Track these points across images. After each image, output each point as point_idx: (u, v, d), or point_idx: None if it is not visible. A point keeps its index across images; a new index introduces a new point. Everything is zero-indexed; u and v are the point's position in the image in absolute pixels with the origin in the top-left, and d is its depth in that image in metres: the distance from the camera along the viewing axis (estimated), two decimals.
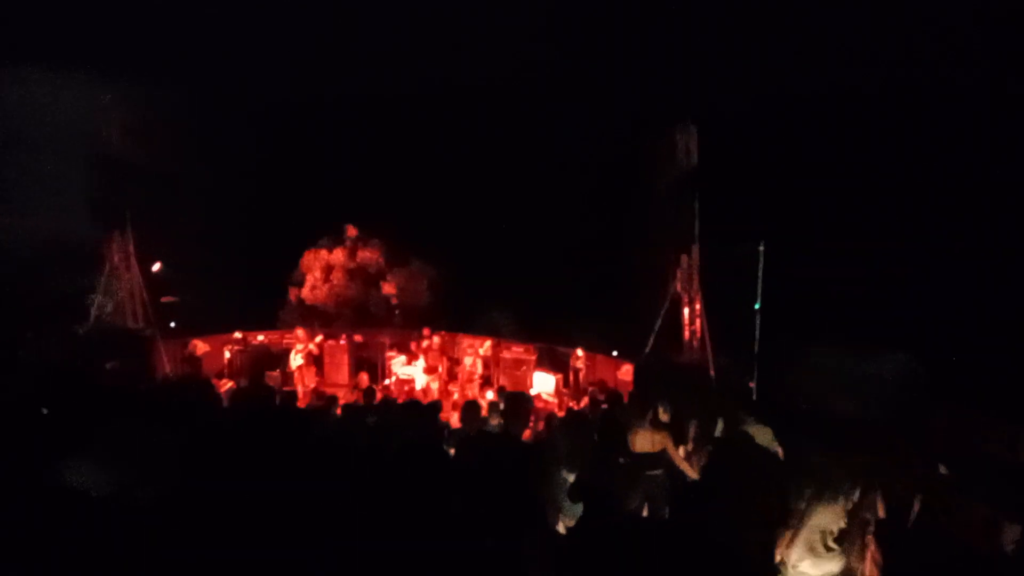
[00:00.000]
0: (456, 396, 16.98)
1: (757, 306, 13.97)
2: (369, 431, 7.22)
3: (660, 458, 7.69)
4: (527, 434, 7.49)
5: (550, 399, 17.00)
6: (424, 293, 25.30)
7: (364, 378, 16.92)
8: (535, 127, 24.98)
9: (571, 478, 6.01)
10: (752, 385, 13.65)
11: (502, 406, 7.51)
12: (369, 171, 25.94)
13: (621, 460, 6.30)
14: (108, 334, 15.16)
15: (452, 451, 6.86)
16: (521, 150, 25.47)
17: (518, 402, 6.17)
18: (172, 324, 17.54)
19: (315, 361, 17.81)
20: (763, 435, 7.58)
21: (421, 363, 17.63)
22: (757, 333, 13.81)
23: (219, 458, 3.88)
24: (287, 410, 5.77)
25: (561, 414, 14.00)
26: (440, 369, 17.74)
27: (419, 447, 3.82)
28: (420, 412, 7.31)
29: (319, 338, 18.40)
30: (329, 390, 16.72)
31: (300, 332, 17.83)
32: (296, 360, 17.13)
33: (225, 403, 10.89)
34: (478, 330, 20.72)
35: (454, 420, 10.48)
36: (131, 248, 15.79)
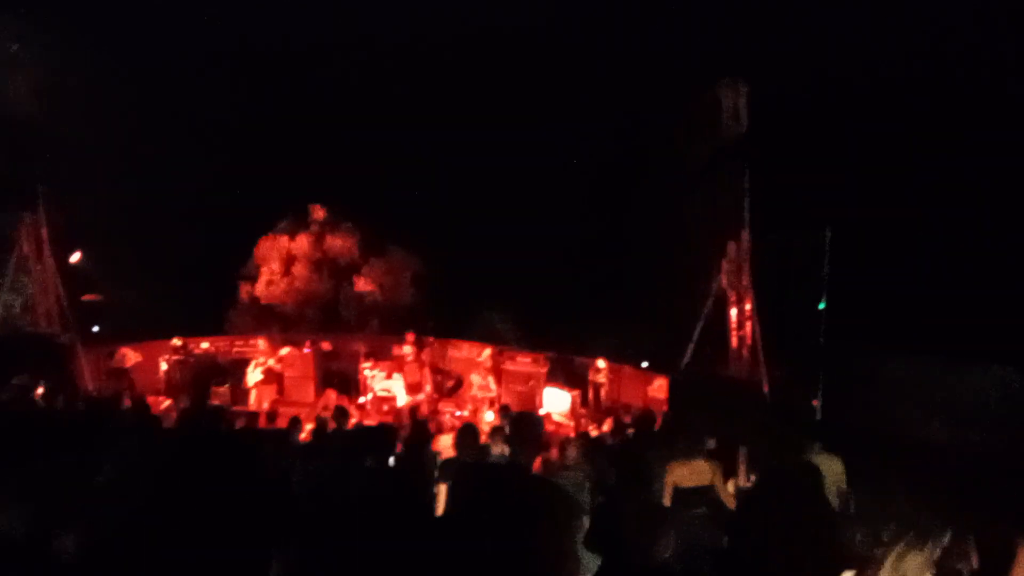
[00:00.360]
0: (448, 417, 16.97)
1: (822, 306, 13.92)
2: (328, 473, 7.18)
3: (704, 495, 7.65)
4: (536, 464, 7.46)
5: (564, 421, 16.99)
6: (407, 290, 25.30)
7: (332, 396, 16.92)
8: (545, 86, 24.91)
9: (586, 522, 5.96)
10: (816, 404, 13.61)
11: (507, 430, 7.47)
12: (341, 139, 25.88)
13: (652, 498, 6.27)
14: (15, 340, 15.14)
15: (442, 492, 6.83)
16: (528, 115, 25.40)
17: (526, 424, 6.13)
18: (95, 328, 17.53)
19: (275, 376, 17.83)
20: (830, 466, 7.54)
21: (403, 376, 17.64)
22: (822, 340, 13.75)
23: (150, 501, 3.84)
24: (231, 441, 5.72)
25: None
26: (427, 385, 17.74)
27: (387, 496, 3.77)
28: (380, 444, 7.25)
29: (286, 350, 18.37)
30: (290, 411, 16.71)
31: (262, 343, 17.82)
32: (255, 375, 17.14)
33: (164, 426, 10.89)
34: (474, 336, 20.71)
35: (446, 447, 10.44)
36: (44, 233, 15.77)
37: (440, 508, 6.97)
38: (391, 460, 7.40)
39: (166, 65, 23.75)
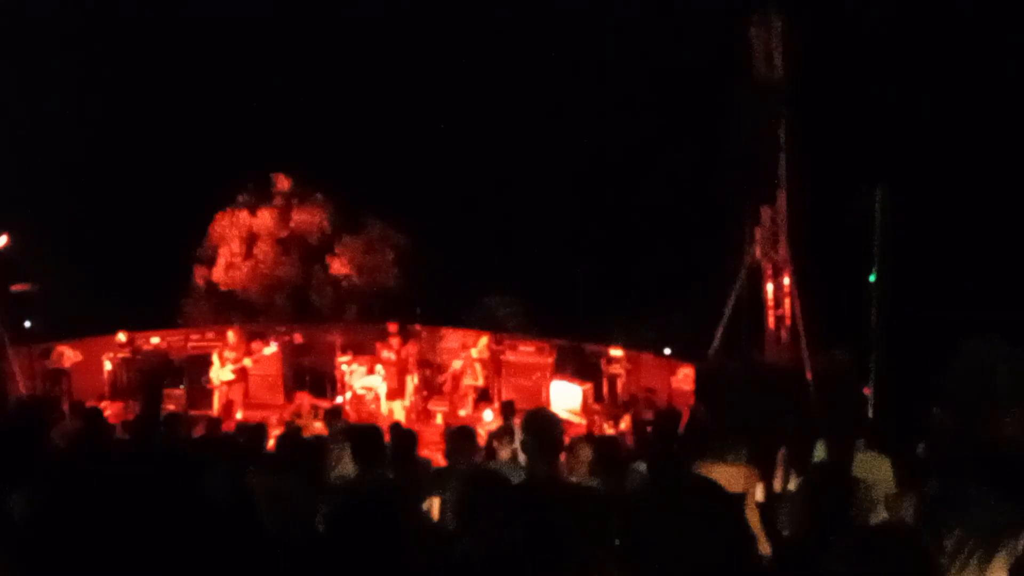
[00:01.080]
0: (439, 419, 16.94)
1: (873, 278, 13.86)
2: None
3: (742, 503, 7.60)
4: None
5: (575, 419, 16.95)
6: (389, 271, 25.24)
7: (304, 399, 16.89)
8: (547, 25, 24.80)
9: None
10: (867, 392, 13.57)
11: (519, 433, 7.39)
12: (308, 92, 25.78)
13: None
14: None
15: (434, 506, 6.76)
16: (524, 60, 25.29)
17: (544, 424, 6.04)
18: (27, 323, 17.47)
19: (242, 375, 17.76)
20: (877, 468, 7.49)
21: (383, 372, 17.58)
22: (874, 318, 13.70)
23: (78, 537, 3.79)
24: (180, 459, 5.65)
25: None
26: (414, 379, 17.68)
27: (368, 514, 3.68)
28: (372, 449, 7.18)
29: (268, 349, 18.25)
30: (256, 414, 16.67)
31: (232, 336, 17.69)
32: (223, 373, 17.05)
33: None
34: (469, 323, 20.66)
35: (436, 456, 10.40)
36: None
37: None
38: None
39: (114, 12, 23.71)
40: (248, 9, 24.92)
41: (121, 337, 18.23)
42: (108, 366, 17.91)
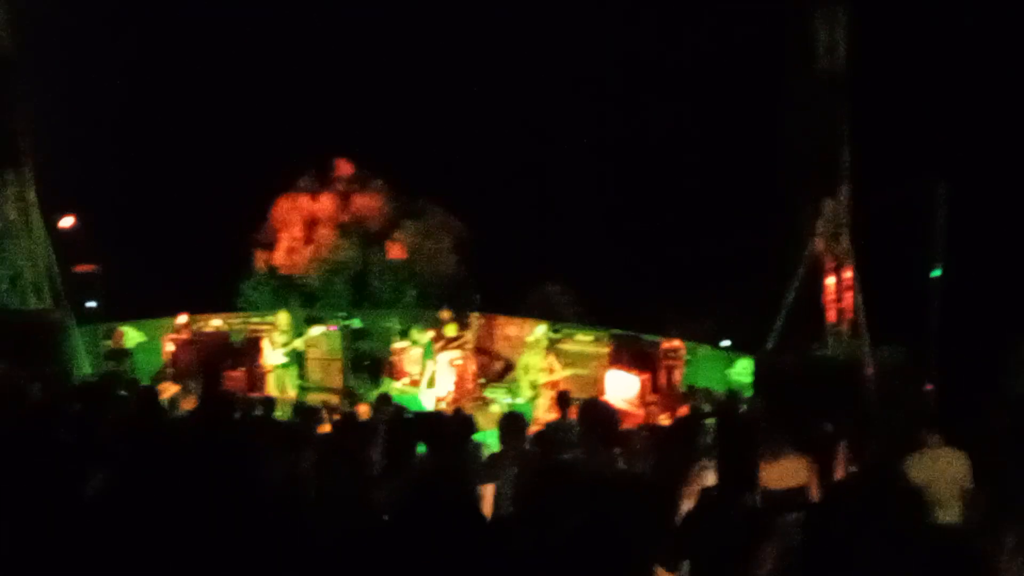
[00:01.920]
0: (496, 407, 16.92)
1: (936, 273, 13.67)
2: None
3: (799, 497, 7.51)
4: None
5: (632, 409, 16.88)
6: (448, 257, 25.26)
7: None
8: (606, 11, 24.66)
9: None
10: (929, 388, 13.40)
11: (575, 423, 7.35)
12: (371, 78, 25.85)
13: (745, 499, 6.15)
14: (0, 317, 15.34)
15: (487, 494, 6.74)
16: (584, 47, 25.18)
17: (598, 414, 6.02)
18: (91, 304, 17.71)
19: (296, 357, 17.87)
20: (952, 463, 7.39)
21: (445, 357, 17.59)
22: (937, 313, 13.51)
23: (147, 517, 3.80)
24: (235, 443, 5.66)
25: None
26: (472, 369, 17.70)
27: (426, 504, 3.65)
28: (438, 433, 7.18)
29: (316, 330, 18.31)
30: (313, 397, 16.79)
31: (282, 318, 17.81)
32: (275, 356, 17.17)
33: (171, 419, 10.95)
34: (525, 311, 20.66)
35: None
36: (32, 195, 15.91)
37: (487, 512, 6.91)
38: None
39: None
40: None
41: (182, 319, 18.40)
42: (170, 347, 18.09)
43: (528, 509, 4.79)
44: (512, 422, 7.95)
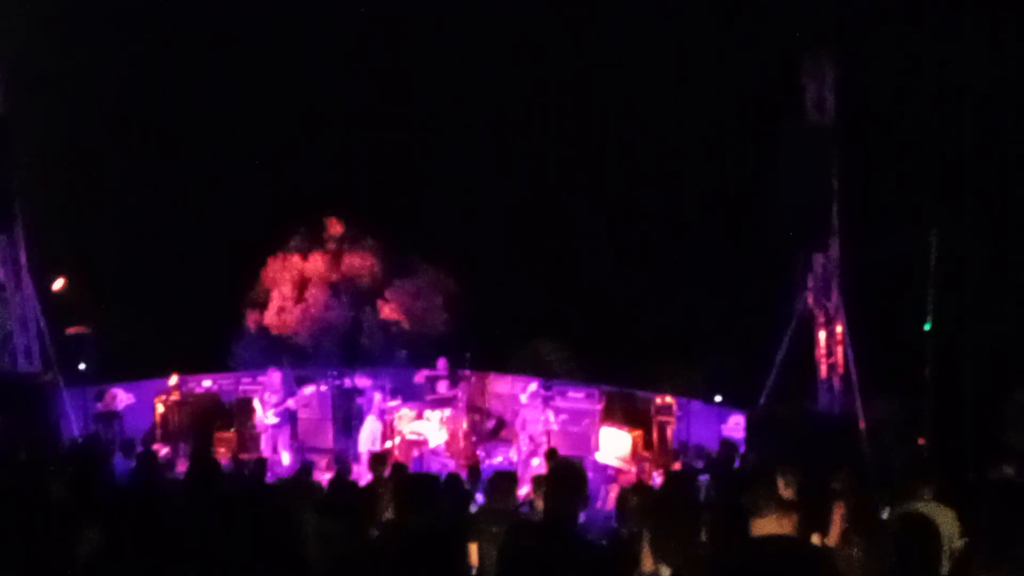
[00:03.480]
0: (487, 465, 16.89)
1: (928, 326, 13.72)
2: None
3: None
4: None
5: (624, 466, 16.85)
6: (439, 315, 25.27)
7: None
8: (594, 71, 24.88)
9: (666, 573, 5.86)
10: (922, 442, 13.40)
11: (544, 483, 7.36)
12: (360, 138, 26.00)
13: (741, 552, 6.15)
14: None
15: (472, 551, 6.73)
16: (573, 106, 25.39)
17: (566, 475, 6.03)
18: (81, 366, 17.66)
19: (289, 418, 17.84)
20: (942, 519, 7.36)
21: (436, 415, 17.58)
22: (929, 367, 13.54)
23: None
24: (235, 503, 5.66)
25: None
26: (463, 424, 17.69)
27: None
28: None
29: (309, 389, 18.34)
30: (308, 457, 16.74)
31: (276, 377, 17.80)
32: (268, 417, 17.13)
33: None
34: (514, 368, 20.66)
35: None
36: (22, 258, 15.94)
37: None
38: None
39: (153, 57, 24.00)
40: (299, 56, 25.18)
41: (173, 380, 18.39)
42: (160, 408, 18.05)
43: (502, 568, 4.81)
44: (500, 480, 7.94)
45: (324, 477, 13.76)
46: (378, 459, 11.41)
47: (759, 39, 16.87)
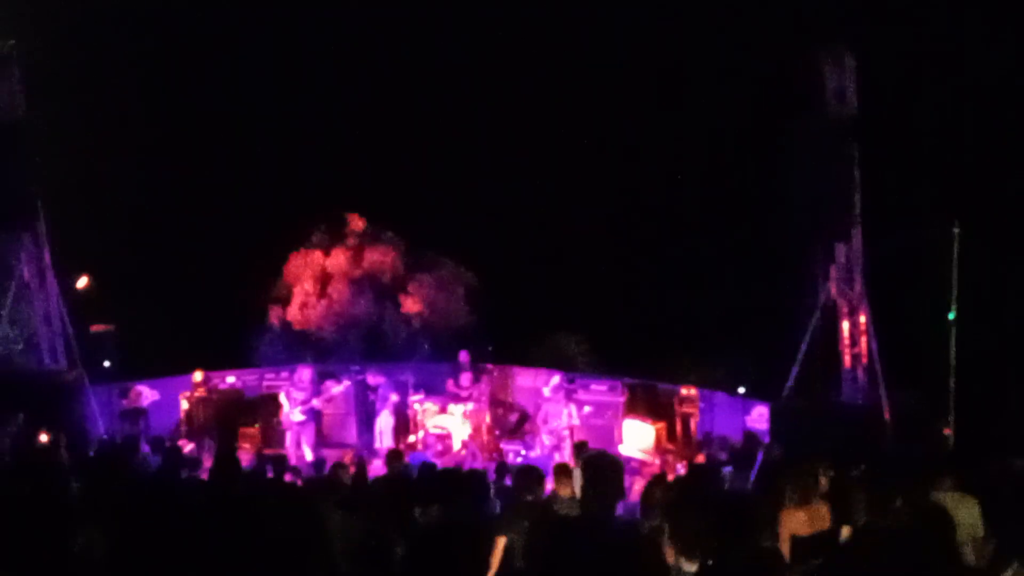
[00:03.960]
0: (512, 458, 16.87)
1: (952, 316, 13.64)
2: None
3: (825, 542, 7.48)
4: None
5: (648, 459, 16.83)
6: (461, 309, 25.27)
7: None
8: (618, 65, 24.84)
9: (691, 568, 5.83)
10: (948, 433, 13.32)
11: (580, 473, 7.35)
12: (382, 133, 26.02)
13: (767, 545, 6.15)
14: (14, 379, 15.37)
15: (499, 546, 6.74)
16: (595, 99, 25.35)
17: (603, 467, 6.01)
18: (106, 363, 17.77)
19: (313, 414, 17.83)
20: (964, 509, 7.34)
21: (459, 409, 17.58)
22: (953, 357, 13.47)
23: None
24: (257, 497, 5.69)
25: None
26: (486, 418, 17.69)
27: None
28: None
29: (338, 388, 18.31)
30: (329, 453, 16.76)
31: (306, 374, 17.72)
32: (294, 414, 17.08)
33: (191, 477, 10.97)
34: (537, 361, 20.63)
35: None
36: (46, 257, 16.03)
37: (495, 564, 6.90)
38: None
39: (178, 56, 24.08)
40: (321, 53, 25.22)
41: (197, 376, 18.43)
42: (184, 405, 18.11)
43: (536, 564, 4.81)
44: (528, 474, 7.94)
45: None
46: (395, 455, 11.41)
47: (779, 31, 16.83)
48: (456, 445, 17.38)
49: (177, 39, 24.19)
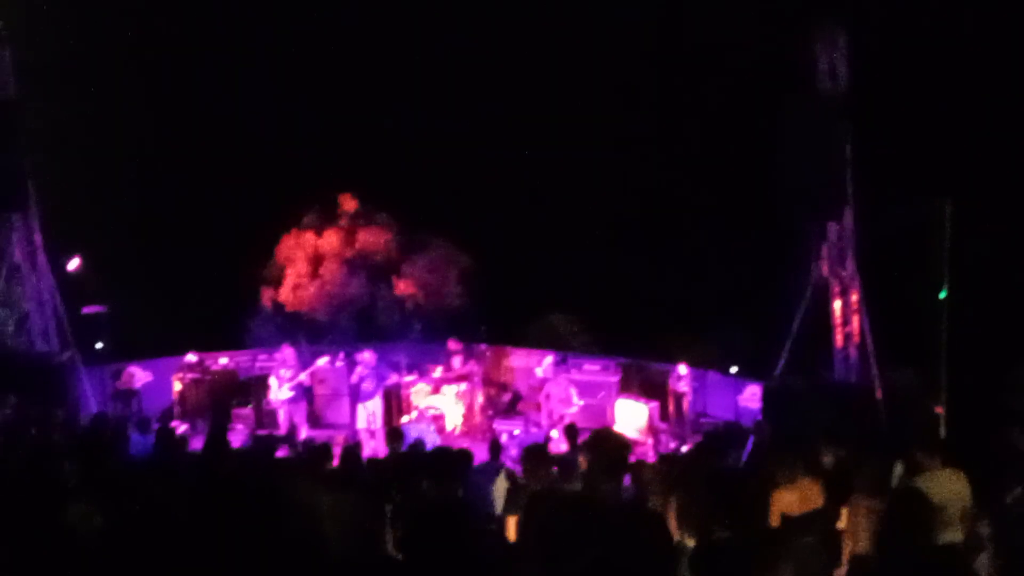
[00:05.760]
0: (505, 438, 16.90)
1: (943, 294, 13.64)
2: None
3: (815, 520, 7.49)
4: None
5: (641, 438, 16.85)
6: (454, 290, 25.26)
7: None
8: (609, 48, 24.75)
9: (690, 543, 5.84)
10: (940, 412, 13.34)
11: (581, 452, 7.33)
12: (374, 113, 25.93)
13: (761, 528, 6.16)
14: (6, 360, 15.36)
15: (510, 525, 6.74)
16: (587, 80, 25.27)
17: (607, 444, 6.01)
18: (98, 345, 17.74)
19: (304, 393, 17.85)
20: (954, 485, 7.38)
21: (452, 389, 17.60)
22: (945, 335, 13.47)
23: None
24: (247, 478, 5.68)
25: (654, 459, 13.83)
26: (479, 398, 17.71)
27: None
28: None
29: (323, 361, 18.35)
30: (320, 433, 16.78)
31: (289, 353, 17.80)
32: (282, 392, 17.12)
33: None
34: (530, 341, 20.65)
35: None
36: (37, 238, 15.99)
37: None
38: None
39: (170, 36, 23.98)
40: (313, 32, 25.11)
41: (190, 357, 18.45)
42: (177, 386, 18.12)
43: (534, 542, 4.79)
44: (536, 453, 7.95)
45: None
46: (395, 434, 11.42)
47: (771, 9, 16.76)
48: (449, 426, 17.41)
49: (169, 19, 24.05)
